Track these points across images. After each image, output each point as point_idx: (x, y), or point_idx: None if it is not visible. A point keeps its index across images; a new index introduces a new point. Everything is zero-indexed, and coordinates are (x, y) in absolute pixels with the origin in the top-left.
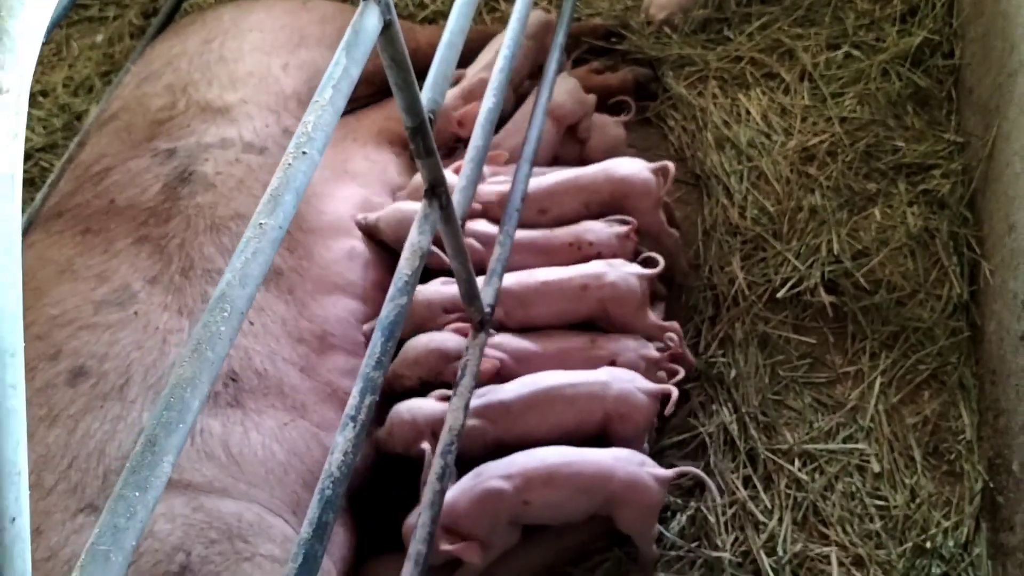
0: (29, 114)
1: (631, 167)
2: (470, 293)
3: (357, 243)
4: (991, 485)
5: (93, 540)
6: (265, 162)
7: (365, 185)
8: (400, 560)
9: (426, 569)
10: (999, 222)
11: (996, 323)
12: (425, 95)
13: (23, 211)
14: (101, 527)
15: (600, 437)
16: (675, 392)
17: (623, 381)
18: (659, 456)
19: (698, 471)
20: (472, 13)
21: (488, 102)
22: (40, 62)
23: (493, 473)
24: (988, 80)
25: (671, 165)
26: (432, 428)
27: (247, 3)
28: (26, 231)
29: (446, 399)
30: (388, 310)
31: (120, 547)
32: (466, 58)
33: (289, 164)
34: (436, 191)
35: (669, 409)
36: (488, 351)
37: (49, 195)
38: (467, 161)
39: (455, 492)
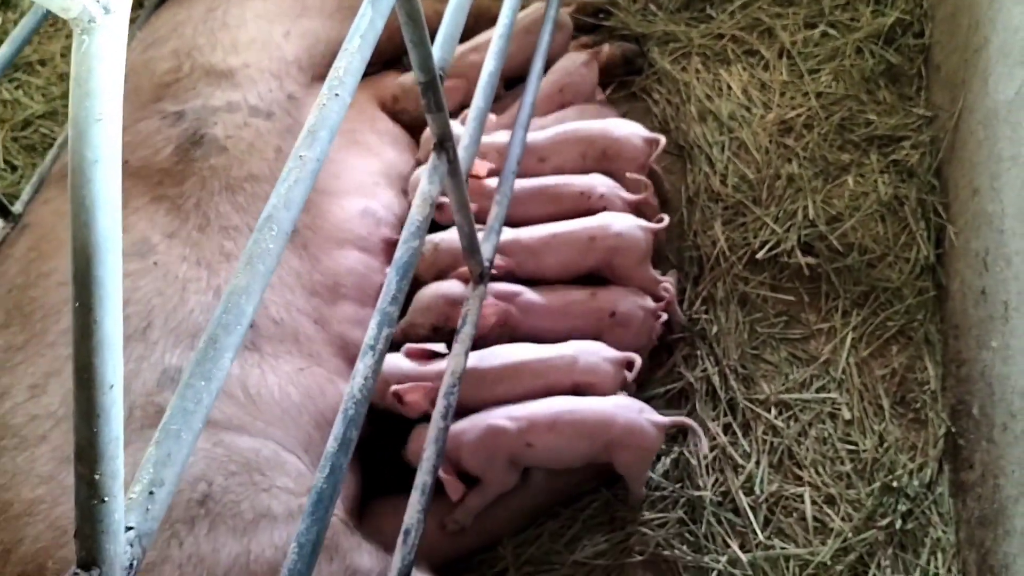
0: (28, 83)
1: (627, 129)
2: (471, 246)
3: (370, 203)
4: (953, 430)
5: (165, 422)
6: (273, 127)
7: (375, 154)
8: (401, 502)
9: (431, 500)
10: (963, 188)
11: (959, 281)
12: (436, 53)
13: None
14: (172, 411)
15: None
16: (638, 360)
17: (589, 354)
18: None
19: (691, 421)
20: None
21: (489, 66)
22: (37, 32)
23: (500, 414)
24: (955, 57)
25: (663, 139)
26: (394, 381)
27: None
28: (38, 188)
29: (415, 355)
30: (402, 252)
31: (189, 427)
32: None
33: (324, 104)
34: (444, 145)
35: (632, 376)
36: (496, 301)
37: (59, 155)
38: (470, 120)
39: (463, 424)
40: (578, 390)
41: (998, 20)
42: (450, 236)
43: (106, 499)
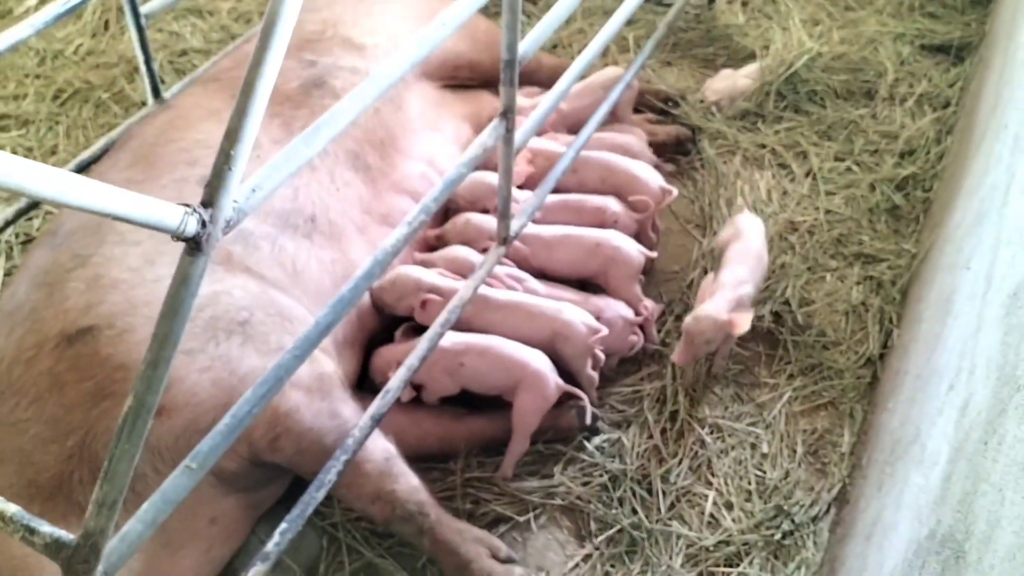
0: (194, 24)
1: (648, 174)
2: (505, 210)
3: (429, 171)
4: (847, 481)
5: (279, 155)
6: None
7: (447, 140)
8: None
9: (413, 374)
10: (914, 305)
11: (890, 371)
12: (522, 44)
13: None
14: (287, 148)
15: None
16: (604, 330)
17: (572, 312)
18: (606, 398)
19: (584, 397)
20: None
21: (563, 83)
22: None
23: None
24: (947, 204)
25: (675, 191)
26: (428, 290)
27: None
28: (186, 87)
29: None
30: (453, 173)
31: (290, 162)
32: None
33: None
34: (507, 115)
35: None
36: (507, 272)
37: (210, 68)
38: (534, 113)
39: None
40: (555, 341)
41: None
42: (479, 217)
43: (231, 169)
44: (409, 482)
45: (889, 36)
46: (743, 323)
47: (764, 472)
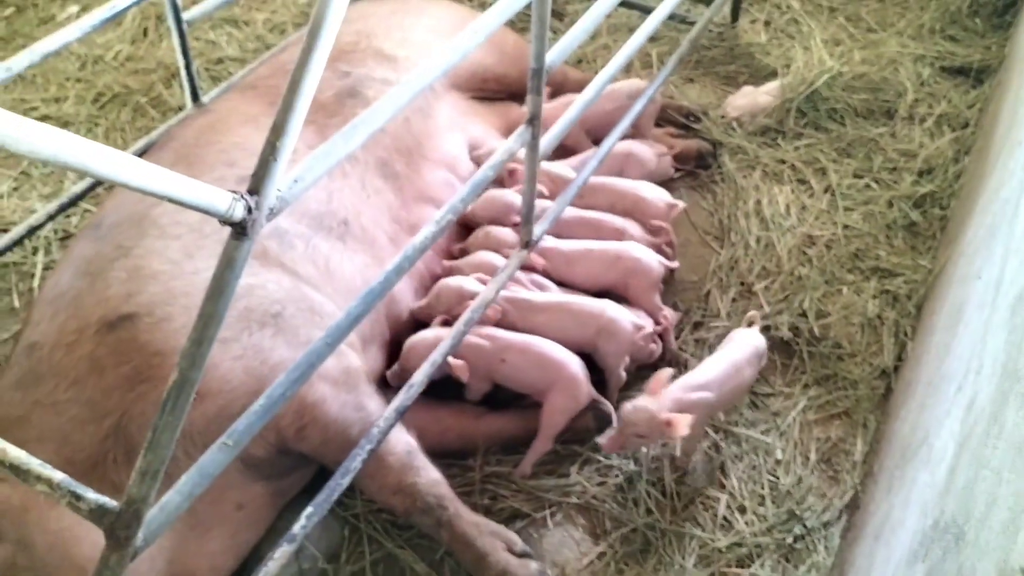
0: (230, 33)
1: (654, 193)
2: (528, 215)
3: (452, 178)
4: (859, 489)
5: (320, 148)
6: (411, 104)
7: (471, 147)
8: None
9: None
10: (928, 318)
11: (903, 381)
12: (549, 55)
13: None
14: (329, 142)
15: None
16: (649, 327)
17: (616, 310)
18: (624, 401)
19: (609, 406)
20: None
21: (587, 94)
22: (249, 5)
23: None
24: (963, 222)
25: (681, 204)
26: (472, 297)
27: None
28: (224, 92)
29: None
30: (479, 175)
31: (329, 158)
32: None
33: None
34: (533, 122)
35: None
36: (528, 275)
37: (247, 75)
38: (558, 122)
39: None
40: (599, 338)
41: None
42: (498, 229)
43: (276, 160)
44: (430, 475)
45: (910, 57)
46: (681, 425)
47: (777, 478)
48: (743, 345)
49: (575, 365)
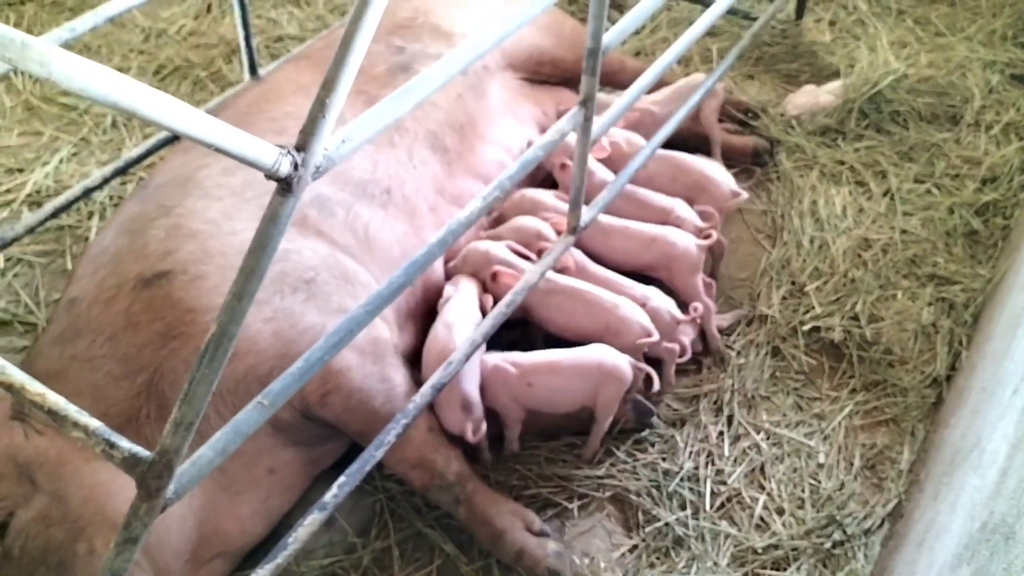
0: (291, 12)
1: (721, 175)
2: (576, 200)
3: (505, 157)
4: (903, 497)
5: (363, 115)
6: (464, 80)
7: (525, 127)
8: None
9: (473, 352)
10: (985, 326)
11: (955, 392)
12: (606, 36)
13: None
14: (370, 111)
15: None
16: (655, 336)
17: (630, 309)
18: (662, 396)
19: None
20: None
21: (643, 81)
22: None
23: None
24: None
25: (745, 194)
26: (498, 263)
27: None
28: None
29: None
30: (530, 154)
31: (374, 123)
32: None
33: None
34: (587, 104)
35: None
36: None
37: (304, 48)
38: (613, 106)
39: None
40: (607, 333)
41: None
42: (534, 191)
43: (325, 117)
44: (449, 452)
45: (978, 63)
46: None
47: (819, 482)
48: (588, 354)
49: (608, 355)
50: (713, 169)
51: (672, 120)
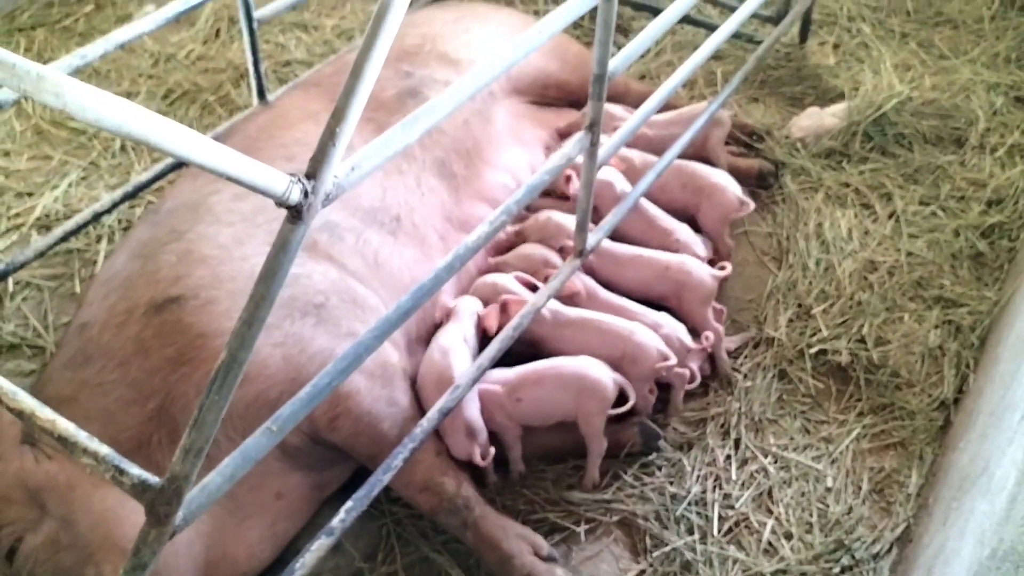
0: (299, 37)
1: (727, 182)
2: (583, 223)
3: (509, 181)
4: (912, 521)
5: (376, 140)
6: (471, 106)
7: (530, 151)
8: None
9: (480, 374)
10: (992, 349)
11: (963, 413)
12: (612, 62)
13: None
14: (381, 137)
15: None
16: (673, 359)
17: (645, 334)
18: (669, 419)
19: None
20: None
21: (648, 105)
22: (319, 11)
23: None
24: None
25: (752, 204)
26: (504, 294)
27: (497, 7)
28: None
29: (522, 283)
30: (536, 179)
31: (386, 148)
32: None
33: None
34: (593, 128)
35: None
36: (579, 280)
37: (312, 74)
38: (619, 130)
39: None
40: (623, 362)
41: None
42: (561, 216)
43: (335, 145)
44: (457, 476)
45: (983, 86)
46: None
47: (827, 506)
48: (570, 364)
49: (593, 367)
50: (722, 177)
51: (676, 145)
